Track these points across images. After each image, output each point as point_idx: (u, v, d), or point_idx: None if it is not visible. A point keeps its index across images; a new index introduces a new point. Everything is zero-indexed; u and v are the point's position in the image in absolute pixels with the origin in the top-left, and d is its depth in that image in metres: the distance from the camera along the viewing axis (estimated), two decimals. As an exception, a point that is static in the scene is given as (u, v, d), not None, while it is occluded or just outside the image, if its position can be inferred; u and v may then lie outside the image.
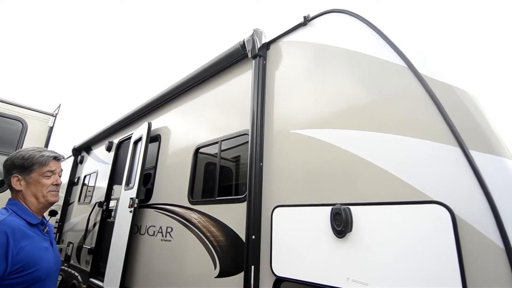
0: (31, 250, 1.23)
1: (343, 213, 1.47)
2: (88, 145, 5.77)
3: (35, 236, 1.30)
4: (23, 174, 1.37)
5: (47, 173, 1.41)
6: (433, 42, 1.59)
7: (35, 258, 1.23)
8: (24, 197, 1.37)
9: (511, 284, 1.07)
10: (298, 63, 2.18)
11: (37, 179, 1.38)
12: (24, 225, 1.28)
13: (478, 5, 1.71)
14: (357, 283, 1.36)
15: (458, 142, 1.28)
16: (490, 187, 1.17)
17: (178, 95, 3.40)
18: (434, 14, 1.72)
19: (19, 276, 1.17)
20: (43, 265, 1.25)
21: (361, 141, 1.59)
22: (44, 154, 1.42)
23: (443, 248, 1.18)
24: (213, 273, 2.15)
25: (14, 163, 1.37)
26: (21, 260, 1.18)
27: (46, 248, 1.34)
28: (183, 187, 2.76)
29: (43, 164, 1.40)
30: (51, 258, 1.34)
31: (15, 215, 1.29)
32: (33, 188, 1.37)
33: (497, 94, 1.52)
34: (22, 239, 1.21)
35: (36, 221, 1.36)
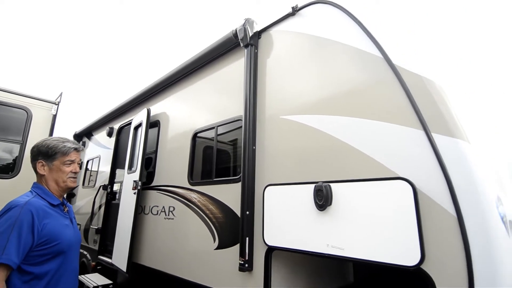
0: (53, 226, 1.42)
1: (324, 189, 1.67)
2: (89, 131, 5.92)
3: (56, 215, 1.49)
4: (47, 161, 1.55)
5: (68, 162, 1.59)
6: (408, 35, 1.74)
7: (57, 233, 1.42)
8: (46, 181, 1.56)
9: (461, 245, 1.28)
10: (287, 52, 2.31)
11: (58, 166, 1.56)
12: (46, 205, 1.46)
13: (450, 4, 1.84)
14: (335, 248, 1.59)
15: (422, 126, 1.46)
16: (447, 164, 1.37)
17: (175, 82, 3.52)
18: (410, 10, 1.85)
19: (45, 248, 1.37)
20: (64, 239, 1.45)
21: (340, 125, 1.77)
22: (66, 145, 1.60)
23: (406, 217, 1.39)
24: (212, 245, 2.40)
25: (40, 150, 1.56)
26: (45, 235, 1.37)
27: (67, 225, 1.54)
28: (183, 169, 2.96)
29: (65, 154, 1.58)
30: (72, 233, 1.54)
31: (38, 197, 1.47)
32: (54, 174, 1.56)
33: (459, 83, 1.69)
34: (45, 217, 1.40)
35: (57, 202, 1.55)
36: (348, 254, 1.54)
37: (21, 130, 3.75)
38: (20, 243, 1.27)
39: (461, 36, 1.86)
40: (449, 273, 1.27)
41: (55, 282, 1.40)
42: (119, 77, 23.37)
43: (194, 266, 2.54)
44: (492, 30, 2.00)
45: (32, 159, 1.57)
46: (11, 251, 1.25)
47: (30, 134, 3.78)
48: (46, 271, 1.37)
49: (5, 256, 1.23)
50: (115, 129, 4.83)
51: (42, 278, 1.36)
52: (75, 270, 1.56)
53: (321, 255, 1.65)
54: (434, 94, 1.49)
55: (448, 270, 1.27)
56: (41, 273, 1.35)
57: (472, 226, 1.26)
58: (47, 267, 1.38)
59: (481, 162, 1.40)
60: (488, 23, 1.98)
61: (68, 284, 1.49)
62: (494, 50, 1.96)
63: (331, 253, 1.60)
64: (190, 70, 3.25)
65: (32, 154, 1.57)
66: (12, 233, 1.27)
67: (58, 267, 1.42)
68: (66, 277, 1.46)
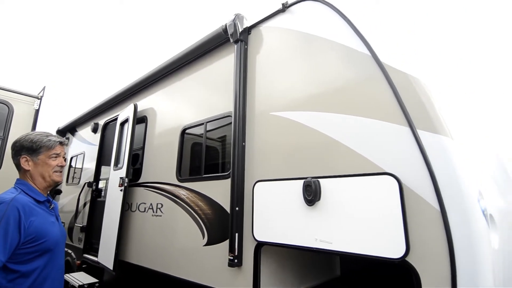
0: (40, 223, 1.39)
1: (313, 185, 1.70)
2: (73, 126, 5.76)
3: (42, 212, 1.46)
4: (31, 156, 1.52)
5: (53, 156, 1.57)
6: (396, 33, 1.77)
7: (43, 231, 1.39)
8: (32, 176, 1.52)
9: (444, 238, 1.33)
10: (277, 48, 2.32)
11: (44, 161, 1.54)
12: (32, 202, 1.43)
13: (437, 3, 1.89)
14: (323, 242, 1.62)
15: (408, 122, 1.50)
16: (431, 160, 1.41)
17: (163, 77, 3.47)
18: (399, 8, 1.89)
19: (31, 246, 1.34)
20: (51, 237, 1.42)
21: (329, 122, 1.80)
22: (50, 139, 1.58)
23: (391, 211, 1.43)
24: (202, 242, 2.39)
25: (23, 145, 1.52)
26: (32, 233, 1.34)
27: (53, 222, 1.51)
28: (171, 166, 2.93)
29: (50, 148, 1.56)
30: (58, 230, 1.51)
31: (23, 193, 1.44)
32: (40, 168, 1.53)
33: (444, 81, 1.74)
34: (31, 214, 1.37)
35: (43, 198, 1.52)
36: (336, 248, 1.57)
37: (1, 125, 3.61)
38: (6, 240, 1.25)
39: (449, 34, 1.91)
40: (432, 265, 1.32)
41: (42, 281, 1.37)
42: (105, 71, 22.79)
43: (183, 262, 2.53)
44: (479, 27, 2.07)
45: (15, 154, 1.54)
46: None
47: (11, 129, 3.64)
48: (32, 269, 1.35)
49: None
50: (100, 125, 4.72)
51: (28, 276, 1.33)
52: (61, 268, 1.54)
53: (309, 249, 1.68)
54: (420, 91, 1.53)
55: (431, 261, 1.32)
56: (27, 271, 1.33)
57: (454, 219, 1.31)
58: (34, 265, 1.35)
59: (464, 157, 1.45)
60: (476, 19, 2.05)
61: (55, 282, 1.46)
62: (482, 47, 2.03)
63: (320, 247, 1.63)
64: (179, 65, 3.20)
65: (14, 149, 1.54)
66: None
67: (45, 265, 1.39)
68: (52, 275, 1.43)
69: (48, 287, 1.40)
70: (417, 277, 1.33)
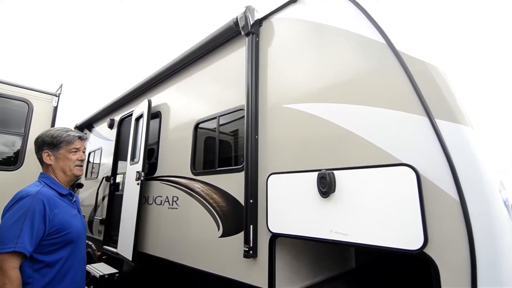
0: (63, 216, 1.44)
1: (327, 177, 1.69)
2: (90, 123, 5.92)
3: (65, 205, 1.51)
4: (53, 150, 1.58)
5: (73, 150, 1.62)
6: (412, 20, 1.72)
7: (66, 223, 1.44)
8: (53, 170, 1.58)
9: (464, 229, 1.30)
10: (289, 40, 2.29)
11: (64, 155, 1.59)
12: (55, 195, 1.48)
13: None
14: (339, 234, 1.62)
15: (426, 112, 1.46)
16: (450, 150, 1.37)
17: (176, 72, 3.50)
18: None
19: (55, 237, 1.39)
20: (73, 229, 1.47)
21: (343, 113, 1.77)
22: (70, 134, 1.63)
23: (409, 202, 1.41)
24: (217, 233, 2.43)
25: (44, 140, 1.58)
26: (56, 224, 1.39)
27: (75, 215, 1.56)
28: (185, 160, 2.97)
29: (69, 142, 1.61)
30: (79, 223, 1.56)
31: (47, 187, 1.49)
32: (61, 163, 1.58)
33: (464, 68, 1.68)
34: (55, 207, 1.42)
35: (66, 191, 1.57)
36: (352, 240, 1.56)
37: (22, 123, 3.75)
38: (32, 231, 1.30)
39: (470, 19, 1.84)
40: (451, 257, 1.30)
41: (65, 271, 1.43)
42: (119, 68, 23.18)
43: (199, 253, 2.58)
44: (502, 12, 1.98)
45: (37, 149, 1.59)
46: (24, 240, 1.27)
47: (32, 126, 3.78)
48: (57, 259, 1.39)
49: (19, 245, 1.25)
50: (116, 121, 4.83)
51: (53, 266, 1.38)
52: (83, 259, 1.59)
53: (324, 241, 1.68)
54: (438, 80, 1.49)
55: (450, 253, 1.30)
56: (52, 262, 1.38)
57: (475, 210, 1.28)
58: (58, 255, 1.40)
59: (485, 147, 1.41)
60: (499, 4, 1.95)
61: (77, 272, 1.51)
62: (506, 32, 1.94)
63: (335, 238, 1.63)
64: (191, 60, 3.22)
65: (36, 145, 1.59)
66: (25, 222, 1.29)
67: (68, 256, 1.44)
68: (75, 265, 1.48)
69: (71, 277, 1.45)
70: (436, 268, 1.32)
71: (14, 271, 1.24)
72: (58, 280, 1.40)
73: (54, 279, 1.38)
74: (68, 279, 1.44)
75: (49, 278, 1.36)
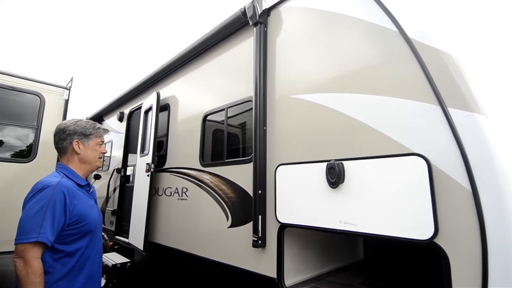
0: (82, 207, 1.48)
1: (336, 167, 1.68)
2: (100, 116, 6.00)
3: (83, 196, 1.54)
4: (83, 140, 1.62)
5: (100, 143, 1.70)
6: (424, 5, 1.67)
7: (85, 214, 1.48)
8: (80, 160, 1.61)
9: (475, 219, 1.28)
10: (297, 29, 2.26)
11: (93, 146, 1.65)
12: (74, 186, 1.51)
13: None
14: (348, 224, 1.62)
15: (438, 100, 1.43)
16: (463, 139, 1.35)
17: (184, 64, 3.50)
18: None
19: (75, 228, 1.43)
20: (91, 219, 1.52)
21: (352, 103, 1.75)
22: (99, 127, 1.72)
23: (420, 192, 1.39)
24: (226, 224, 2.46)
25: (76, 130, 1.61)
26: (75, 215, 1.43)
27: (92, 205, 1.61)
28: (194, 152, 3.00)
29: (99, 135, 1.69)
30: (96, 213, 1.61)
31: (66, 177, 1.51)
32: (89, 153, 1.63)
33: (478, 56, 1.63)
34: (74, 198, 1.45)
35: (84, 182, 1.61)
36: (361, 230, 1.56)
37: (35, 116, 3.83)
38: (54, 222, 1.33)
39: (482, 3, 1.78)
40: (462, 247, 1.28)
41: (84, 260, 1.47)
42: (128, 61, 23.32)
43: (208, 243, 2.62)
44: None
45: (66, 137, 1.59)
46: (46, 230, 1.29)
47: (44, 119, 3.86)
48: (76, 249, 1.44)
49: (42, 235, 1.28)
50: (125, 114, 4.88)
51: (72, 256, 1.42)
52: (100, 249, 1.63)
53: (333, 231, 1.68)
54: (451, 68, 1.45)
55: (461, 243, 1.28)
56: (71, 251, 1.42)
57: (487, 200, 1.25)
58: (77, 245, 1.45)
59: (499, 136, 1.37)
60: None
61: (95, 262, 1.55)
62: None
63: (344, 228, 1.63)
64: (199, 52, 3.22)
65: (66, 132, 1.60)
66: (47, 212, 1.31)
67: (87, 246, 1.49)
68: (93, 255, 1.53)
69: (89, 266, 1.49)
70: (446, 258, 1.31)
71: (37, 260, 1.27)
72: (77, 269, 1.43)
73: (73, 268, 1.42)
74: (86, 268, 1.48)
75: (68, 267, 1.40)
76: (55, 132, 1.63)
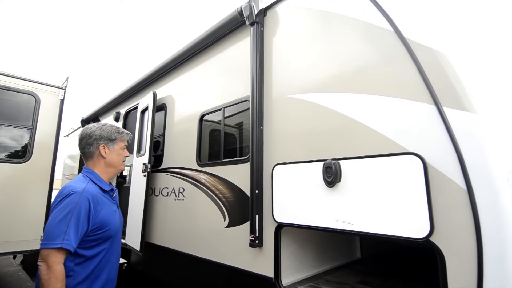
0: (105, 213, 1.49)
1: (333, 166, 1.69)
2: (96, 116, 5.96)
3: (107, 202, 1.55)
4: (108, 144, 1.64)
5: (123, 147, 1.72)
6: (419, 6, 1.68)
7: (107, 220, 1.49)
8: (106, 164, 1.63)
9: (470, 218, 1.29)
10: (294, 29, 2.26)
11: (117, 150, 1.68)
12: (99, 192, 1.52)
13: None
14: (344, 223, 1.62)
15: (433, 100, 1.44)
16: (457, 138, 1.36)
17: (180, 64, 3.49)
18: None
19: (97, 234, 1.44)
20: (113, 225, 1.52)
21: (349, 102, 1.76)
22: (123, 132, 1.74)
23: (415, 191, 1.40)
24: (223, 224, 2.46)
25: (102, 135, 1.63)
26: (98, 222, 1.44)
27: (115, 211, 1.60)
28: (191, 152, 2.99)
29: (122, 140, 1.71)
30: (118, 218, 1.62)
31: (92, 183, 1.52)
32: (114, 157, 1.66)
33: (473, 55, 1.65)
34: (98, 204, 1.46)
35: (108, 187, 1.61)
36: (357, 229, 1.57)
37: (30, 116, 3.80)
38: (78, 228, 1.34)
39: (476, 3, 1.79)
40: (458, 245, 1.29)
41: (104, 264, 1.48)
42: (124, 61, 23.27)
43: (205, 243, 2.62)
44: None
45: (93, 142, 1.61)
46: (70, 236, 1.31)
47: (39, 119, 3.82)
48: (96, 253, 1.45)
49: (66, 242, 1.29)
50: (121, 114, 4.86)
51: (93, 259, 1.44)
52: (119, 253, 1.64)
53: (330, 230, 1.69)
54: (446, 67, 1.46)
55: (457, 242, 1.29)
56: (92, 255, 1.43)
57: (482, 199, 1.26)
58: (98, 250, 1.46)
59: (493, 136, 1.38)
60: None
61: (114, 265, 1.57)
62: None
63: (340, 227, 1.64)
64: (195, 52, 3.21)
65: (92, 137, 1.61)
66: (72, 219, 1.33)
67: (107, 250, 1.50)
68: (112, 259, 1.54)
69: (109, 269, 1.52)
70: (442, 257, 1.32)
71: (59, 266, 1.29)
72: (96, 273, 1.45)
73: (93, 272, 1.43)
74: (106, 271, 1.49)
75: (89, 271, 1.42)
76: (81, 137, 1.64)
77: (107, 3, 67.98)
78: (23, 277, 4.74)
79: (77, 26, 72.67)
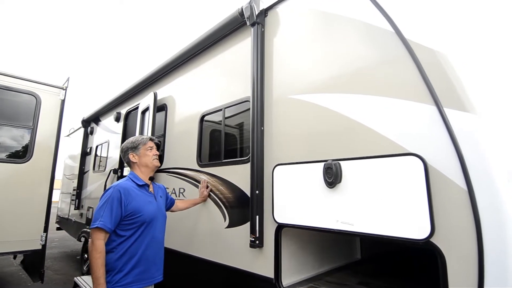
0: (137, 202, 1.85)
1: (333, 167, 1.69)
2: (97, 116, 5.97)
3: (141, 194, 1.92)
4: (134, 151, 2.06)
5: (148, 148, 2.09)
6: (420, 7, 1.68)
7: (139, 208, 1.84)
8: (139, 166, 2.05)
9: (471, 219, 1.29)
10: (295, 30, 2.26)
11: (144, 153, 2.07)
12: (134, 186, 1.92)
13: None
14: (345, 224, 1.62)
15: (434, 101, 1.44)
16: (458, 139, 1.35)
17: (181, 65, 3.50)
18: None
19: (131, 218, 1.81)
20: (145, 212, 1.86)
21: (350, 103, 1.76)
22: (143, 137, 2.14)
23: (416, 192, 1.40)
24: (223, 224, 2.46)
25: (128, 146, 2.07)
26: (130, 209, 1.80)
27: (150, 201, 1.95)
28: (191, 152, 2.99)
29: (144, 143, 2.09)
30: (153, 207, 1.95)
31: (129, 180, 1.95)
32: (143, 159, 2.06)
33: (473, 56, 1.65)
34: (129, 195, 1.83)
35: (142, 183, 1.98)
36: (358, 229, 1.57)
37: (31, 116, 3.80)
38: (112, 213, 1.74)
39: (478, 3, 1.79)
40: (459, 246, 1.29)
41: (140, 243, 1.83)
42: (125, 62, 23.31)
43: (206, 244, 2.62)
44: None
45: (124, 155, 2.08)
46: (105, 219, 1.71)
47: (40, 119, 3.82)
48: (131, 234, 1.81)
49: (101, 222, 1.69)
50: (122, 114, 4.86)
51: (129, 239, 1.80)
52: (157, 239, 1.94)
53: (330, 231, 1.69)
54: (447, 68, 1.46)
55: (458, 243, 1.29)
56: (129, 236, 1.80)
57: (483, 200, 1.26)
58: (133, 231, 1.81)
59: (494, 137, 1.38)
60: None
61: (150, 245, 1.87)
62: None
63: (341, 228, 1.63)
64: (196, 52, 3.21)
65: (123, 151, 2.08)
66: (106, 206, 1.74)
67: (142, 232, 1.84)
68: (147, 241, 1.86)
69: (144, 248, 1.83)
70: (442, 258, 1.31)
71: (99, 241, 1.69)
72: (133, 250, 1.79)
73: (129, 249, 1.78)
74: (141, 249, 1.82)
75: (126, 247, 1.78)
76: (120, 153, 2.11)
77: (107, 3, 68.41)
78: (23, 277, 4.74)
79: (78, 27, 73.12)
